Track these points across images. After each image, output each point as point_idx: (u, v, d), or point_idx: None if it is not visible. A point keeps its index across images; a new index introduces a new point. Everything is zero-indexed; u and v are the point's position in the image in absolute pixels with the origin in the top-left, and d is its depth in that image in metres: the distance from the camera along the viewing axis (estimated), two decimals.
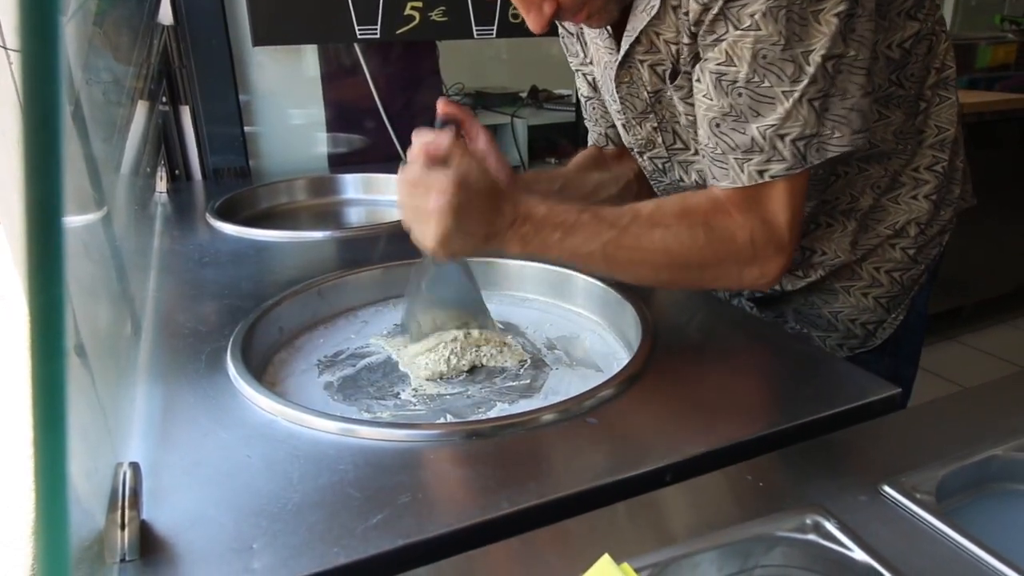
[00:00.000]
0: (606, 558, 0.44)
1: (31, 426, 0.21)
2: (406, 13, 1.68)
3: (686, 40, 0.77)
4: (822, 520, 0.52)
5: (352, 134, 1.80)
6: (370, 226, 1.34)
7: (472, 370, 0.83)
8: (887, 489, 0.56)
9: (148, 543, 0.52)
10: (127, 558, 0.51)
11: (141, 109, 1.26)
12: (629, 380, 0.73)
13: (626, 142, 0.99)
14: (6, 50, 0.49)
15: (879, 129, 0.86)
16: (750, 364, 0.79)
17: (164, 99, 1.57)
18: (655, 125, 0.90)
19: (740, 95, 0.72)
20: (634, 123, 0.92)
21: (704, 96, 0.75)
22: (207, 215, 1.31)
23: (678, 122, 0.87)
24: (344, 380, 0.82)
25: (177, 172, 1.63)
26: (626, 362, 0.77)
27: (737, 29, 0.70)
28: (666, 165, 0.94)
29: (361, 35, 1.65)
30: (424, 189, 0.69)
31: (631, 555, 0.49)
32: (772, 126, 0.72)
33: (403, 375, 0.83)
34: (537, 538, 0.53)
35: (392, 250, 1.13)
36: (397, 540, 0.52)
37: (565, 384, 0.80)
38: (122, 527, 0.51)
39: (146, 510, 0.55)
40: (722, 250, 0.75)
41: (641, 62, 0.84)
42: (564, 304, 1.00)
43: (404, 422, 0.72)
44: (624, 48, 0.83)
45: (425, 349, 0.83)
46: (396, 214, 1.57)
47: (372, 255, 1.11)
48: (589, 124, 1.11)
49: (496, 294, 1.03)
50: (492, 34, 1.77)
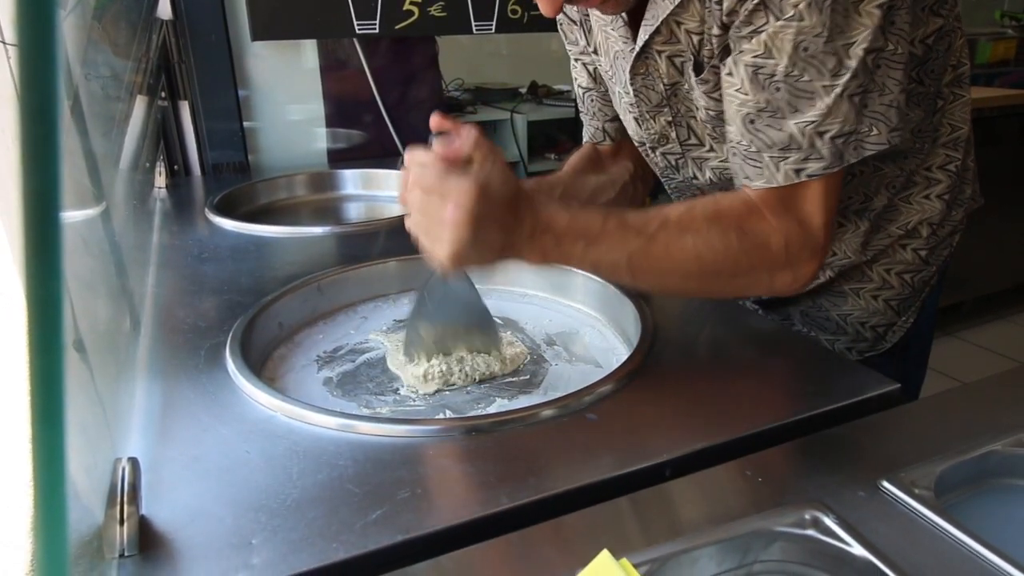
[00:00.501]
0: (605, 553, 0.44)
1: (29, 421, 0.21)
2: (405, 8, 1.67)
3: (716, 31, 0.73)
4: (821, 515, 0.52)
5: (351, 129, 1.80)
6: (369, 222, 1.34)
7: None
8: (886, 484, 0.56)
9: (147, 538, 0.52)
10: (126, 553, 0.51)
11: (140, 104, 1.26)
12: (628, 376, 0.73)
13: (636, 137, 0.95)
14: (4, 45, 0.49)
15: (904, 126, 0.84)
16: (749, 360, 0.79)
17: (163, 94, 1.57)
18: (670, 119, 0.87)
19: (778, 89, 0.68)
20: (648, 117, 0.89)
21: (738, 91, 0.71)
22: (206, 210, 1.31)
23: (694, 117, 0.85)
24: (343, 376, 0.82)
25: (176, 167, 1.63)
26: (625, 358, 0.77)
27: (779, 19, 0.66)
28: (679, 161, 0.92)
29: (360, 30, 1.65)
30: (440, 197, 0.62)
31: (630, 550, 0.49)
32: (812, 123, 0.68)
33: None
34: (536, 534, 0.53)
35: (392, 246, 1.13)
36: (396, 536, 0.52)
37: (564, 380, 0.80)
38: (121, 522, 0.51)
39: (145, 505, 0.55)
40: (756, 256, 0.71)
41: (659, 53, 0.80)
42: (563, 300, 1.00)
43: (403, 418, 0.72)
44: (643, 38, 0.79)
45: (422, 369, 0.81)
46: (396, 210, 1.57)
47: (371, 251, 1.11)
48: (586, 118, 1.07)
49: (495, 289, 1.03)
50: (491, 29, 1.76)
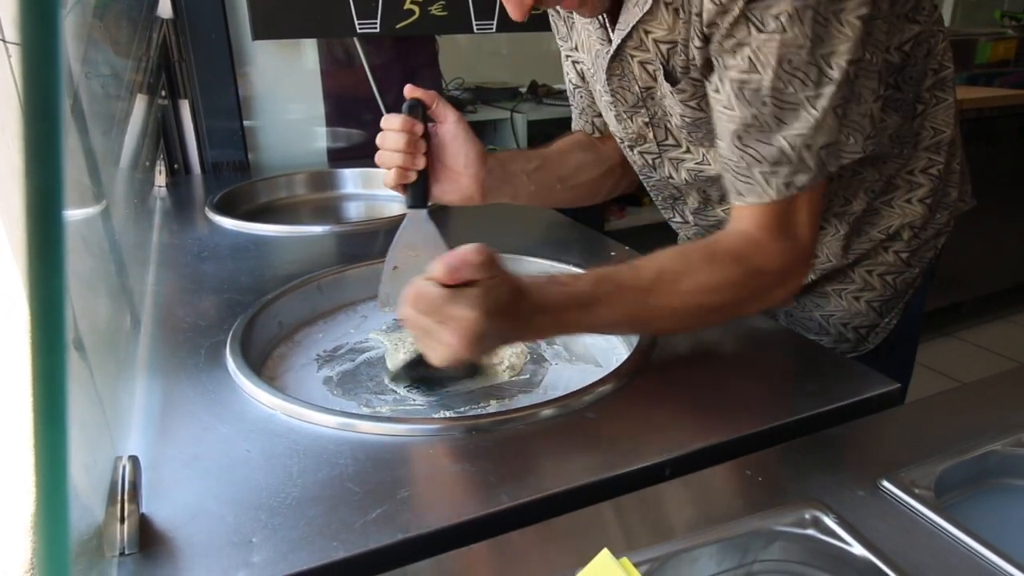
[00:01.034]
0: (605, 552, 0.44)
1: (31, 418, 0.21)
2: (406, 7, 1.67)
3: (696, 43, 0.73)
4: (821, 515, 0.52)
5: (351, 128, 1.80)
6: (369, 221, 1.34)
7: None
8: (886, 484, 0.56)
9: (147, 536, 0.52)
10: (126, 551, 0.51)
11: (140, 103, 1.26)
12: (628, 375, 0.73)
13: (616, 135, 0.96)
14: (5, 43, 0.49)
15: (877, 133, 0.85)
16: (749, 359, 0.79)
17: (163, 93, 1.56)
18: (647, 120, 0.89)
19: (764, 104, 0.69)
20: (625, 116, 0.90)
21: (724, 107, 0.72)
22: (206, 209, 1.31)
23: (670, 120, 0.86)
24: (343, 375, 0.82)
25: (176, 166, 1.63)
26: (625, 357, 0.77)
27: (761, 32, 0.67)
28: (656, 161, 0.93)
29: (361, 29, 1.65)
30: (440, 319, 0.60)
31: (630, 549, 0.49)
32: (800, 135, 0.69)
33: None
34: (536, 533, 0.53)
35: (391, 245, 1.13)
36: (396, 534, 0.52)
37: (564, 379, 0.80)
38: (121, 520, 0.51)
39: (145, 504, 0.55)
40: (754, 283, 0.73)
41: (632, 57, 0.82)
42: None
43: (403, 417, 0.72)
44: (616, 42, 0.81)
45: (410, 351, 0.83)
46: (396, 209, 1.57)
47: (371, 250, 1.11)
48: (575, 113, 1.09)
49: None
50: (492, 29, 1.76)
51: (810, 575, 0.52)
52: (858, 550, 0.50)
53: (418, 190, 0.86)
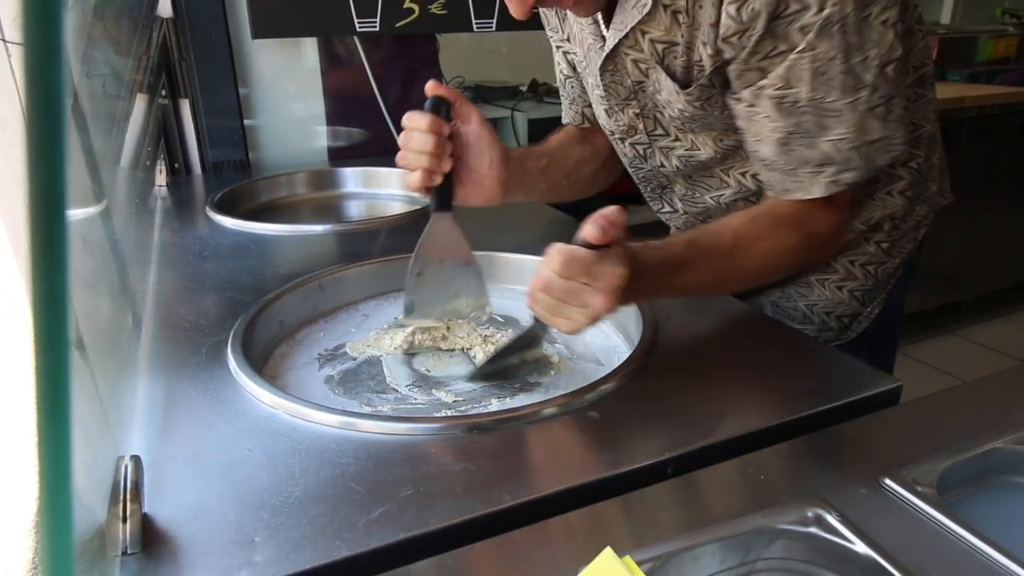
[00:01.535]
0: (608, 551, 0.44)
1: (34, 417, 0.21)
2: (406, 6, 1.67)
3: (708, 51, 0.75)
4: (823, 513, 0.52)
5: (352, 127, 1.80)
6: (370, 219, 1.34)
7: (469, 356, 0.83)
8: (888, 482, 0.56)
9: (150, 536, 0.52)
10: (129, 551, 0.51)
11: (140, 102, 1.26)
12: (630, 374, 0.73)
13: (607, 129, 0.98)
14: (5, 43, 0.49)
15: None
16: (751, 358, 0.79)
17: (163, 92, 1.56)
18: (637, 111, 0.90)
19: (805, 113, 0.73)
20: (616, 109, 0.92)
21: (765, 118, 0.75)
22: (207, 209, 1.31)
23: (661, 113, 0.87)
24: (345, 374, 0.82)
25: (176, 165, 1.63)
26: (627, 356, 0.77)
27: (790, 49, 0.69)
28: (647, 151, 0.95)
29: (361, 28, 1.65)
30: (590, 279, 0.65)
31: (633, 548, 0.49)
32: (844, 139, 0.73)
33: (403, 370, 0.83)
34: (539, 531, 0.53)
35: (392, 243, 1.13)
36: (399, 533, 0.52)
37: (566, 378, 0.80)
38: (124, 520, 0.51)
39: (148, 503, 0.55)
40: (814, 246, 0.82)
41: (625, 55, 0.83)
42: None
43: (405, 416, 0.72)
44: (613, 43, 0.82)
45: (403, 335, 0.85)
46: (396, 207, 1.57)
47: (372, 248, 1.11)
48: (565, 103, 1.10)
49: (496, 287, 1.02)
50: (491, 27, 1.76)
51: (813, 573, 0.52)
52: (861, 548, 0.50)
53: (443, 193, 0.82)
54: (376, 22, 1.65)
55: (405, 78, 1.80)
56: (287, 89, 1.71)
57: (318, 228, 1.24)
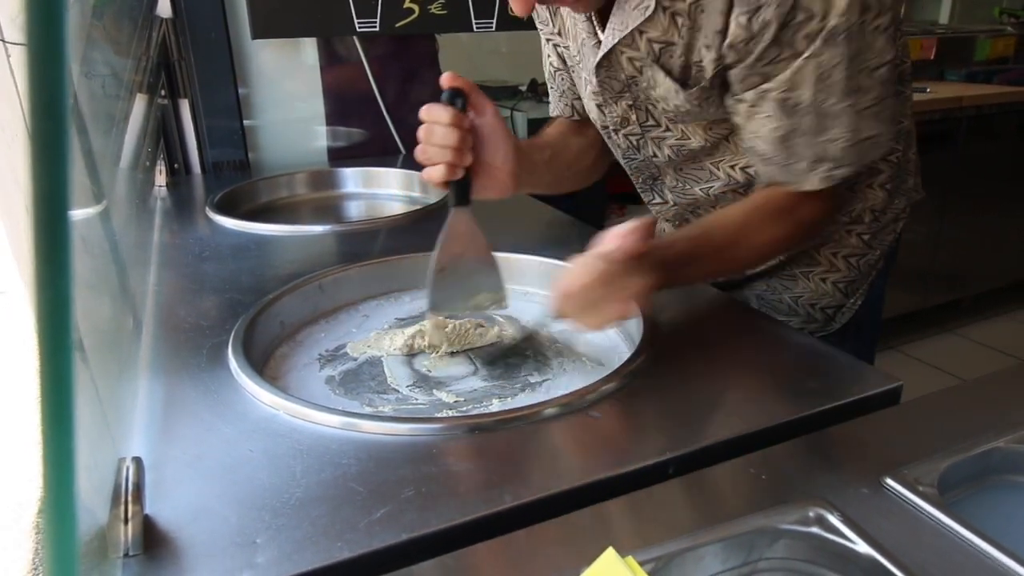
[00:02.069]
0: (610, 551, 0.44)
1: (39, 419, 0.21)
2: (405, 6, 1.67)
3: (711, 56, 0.77)
4: (825, 513, 0.52)
5: (352, 127, 1.80)
6: (370, 220, 1.34)
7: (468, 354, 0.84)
8: (889, 482, 0.56)
9: (151, 537, 0.52)
10: (131, 553, 0.51)
11: (140, 102, 1.26)
12: (631, 374, 0.73)
13: (598, 122, 0.98)
14: (5, 43, 0.49)
15: None
16: (751, 358, 0.79)
17: (163, 92, 1.56)
18: (630, 103, 0.91)
19: (807, 114, 0.75)
20: (610, 102, 0.92)
21: (767, 118, 0.78)
22: (207, 209, 1.31)
23: (654, 105, 0.88)
24: (346, 374, 0.82)
25: (176, 166, 1.62)
26: (628, 356, 0.77)
27: (795, 55, 0.72)
28: (640, 142, 0.96)
29: (360, 28, 1.64)
30: (615, 289, 0.71)
31: (635, 548, 0.49)
32: (842, 138, 0.76)
33: (404, 370, 0.83)
34: (541, 532, 0.53)
35: (392, 244, 1.13)
36: (401, 534, 0.52)
37: (567, 378, 0.80)
38: (125, 521, 0.51)
39: (149, 504, 0.55)
40: (807, 232, 0.88)
41: (621, 53, 0.84)
42: None
43: (406, 416, 0.72)
44: (611, 43, 0.83)
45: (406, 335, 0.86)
46: (396, 208, 1.56)
47: (372, 249, 1.11)
48: (554, 95, 1.09)
49: None
50: (491, 27, 1.76)
51: (815, 573, 0.52)
52: (862, 548, 0.50)
53: (463, 187, 0.81)
54: (376, 22, 1.65)
55: (405, 78, 1.80)
56: (287, 89, 1.71)
57: (318, 228, 1.24)
